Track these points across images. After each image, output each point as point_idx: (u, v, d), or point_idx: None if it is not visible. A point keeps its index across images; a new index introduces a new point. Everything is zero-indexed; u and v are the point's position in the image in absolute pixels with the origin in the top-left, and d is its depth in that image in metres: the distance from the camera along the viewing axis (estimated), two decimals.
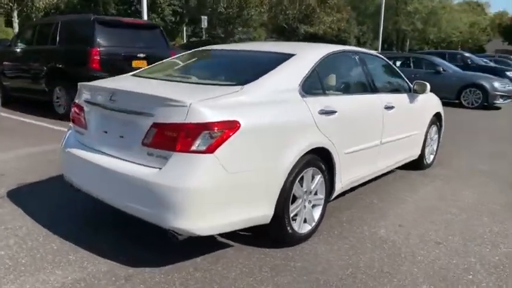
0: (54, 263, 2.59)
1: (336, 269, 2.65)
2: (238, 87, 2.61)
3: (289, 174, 2.67)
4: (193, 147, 2.28)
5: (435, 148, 5.22)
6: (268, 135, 2.57)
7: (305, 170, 2.82)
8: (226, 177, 2.35)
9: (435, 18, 39.52)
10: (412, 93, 4.37)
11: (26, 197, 3.66)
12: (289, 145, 2.68)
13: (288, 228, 2.78)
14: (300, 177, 2.78)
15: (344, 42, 41.25)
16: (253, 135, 2.46)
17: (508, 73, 15.95)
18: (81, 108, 2.93)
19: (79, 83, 3.05)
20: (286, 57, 3.04)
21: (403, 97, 4.24)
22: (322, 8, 27.33)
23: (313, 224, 3.03)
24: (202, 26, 20.45)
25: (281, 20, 24.89)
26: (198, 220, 2.33)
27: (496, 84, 11.65)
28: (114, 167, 2.54)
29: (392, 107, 3.86)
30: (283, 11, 24.73)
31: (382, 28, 27.34)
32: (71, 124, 3.14)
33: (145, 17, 13.34)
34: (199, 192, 2.28)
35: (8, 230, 3.02)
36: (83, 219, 3.27)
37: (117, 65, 6.96)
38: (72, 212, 3.39)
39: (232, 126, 2.34)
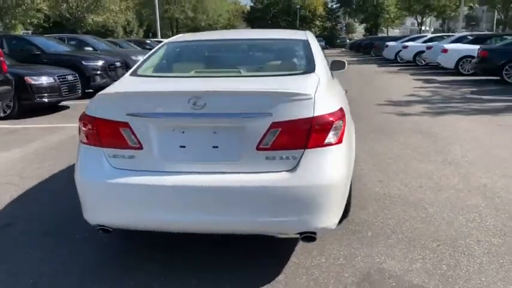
0: None
1: (403, 228, 2.92)
2: (314, 75, 2.53)
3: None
4: (327, 141, 2.15)
5: None
6: (349, 120, 2.62)
7: None
8: (350, 165, 2.34)
9: (203, 6, 42.43)
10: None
11: None
12: (351, 126, 2.80)
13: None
14: None
15: (112, 32, 39.39)
16: (348, 121, 2.48)
17: None
18: (119, 125, 2.19)
19: (99, 93, 2.28)
20: (305, 43, 3.05)
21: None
22: None
23: None
24: None
25: (64, 9, 21.64)
26: (336, 214, 2.23)
27: None
28: (221, 184, 2.09)
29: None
30: None
31: (158, 16, 27.50)
32: (89, 145, 2.28)
33: None
34: (339, 184, 2.19)
35: None
36: (117, 267, 2.53)
37: None
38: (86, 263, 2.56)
39: (344, 114, 2.31)
